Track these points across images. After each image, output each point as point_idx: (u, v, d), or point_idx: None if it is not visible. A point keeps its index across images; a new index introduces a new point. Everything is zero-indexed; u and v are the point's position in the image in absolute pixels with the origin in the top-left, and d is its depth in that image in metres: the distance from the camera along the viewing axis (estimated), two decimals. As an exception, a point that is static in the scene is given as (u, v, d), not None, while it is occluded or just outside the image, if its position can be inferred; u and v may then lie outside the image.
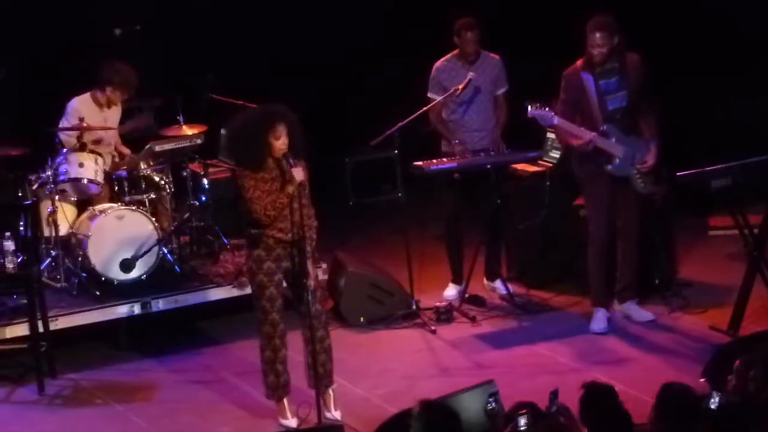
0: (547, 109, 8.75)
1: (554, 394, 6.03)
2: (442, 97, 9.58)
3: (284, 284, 7.81)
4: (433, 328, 9.31)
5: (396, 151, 9.59)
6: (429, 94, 9.70)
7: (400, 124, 9.40)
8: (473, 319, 9.46)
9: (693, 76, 11.11)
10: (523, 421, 5.72)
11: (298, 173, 7.48)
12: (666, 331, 9.01)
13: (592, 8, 8.91)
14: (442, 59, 9.70)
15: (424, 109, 9.61)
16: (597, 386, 5.86)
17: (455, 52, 9.68)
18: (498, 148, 9.66)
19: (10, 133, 9.74)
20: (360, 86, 12.34)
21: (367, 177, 10.87)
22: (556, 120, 8.79)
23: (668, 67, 10.48)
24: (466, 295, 9.74)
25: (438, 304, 9.60)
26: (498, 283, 9.93)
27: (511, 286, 9.79)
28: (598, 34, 8.71)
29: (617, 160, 8.89)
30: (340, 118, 12.05)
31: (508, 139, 9.78)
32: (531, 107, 8.73)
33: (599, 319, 9.11)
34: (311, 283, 7.62)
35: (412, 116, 9.49)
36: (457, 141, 9.60)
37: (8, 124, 10.11)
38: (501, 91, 9.76)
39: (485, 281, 10.05)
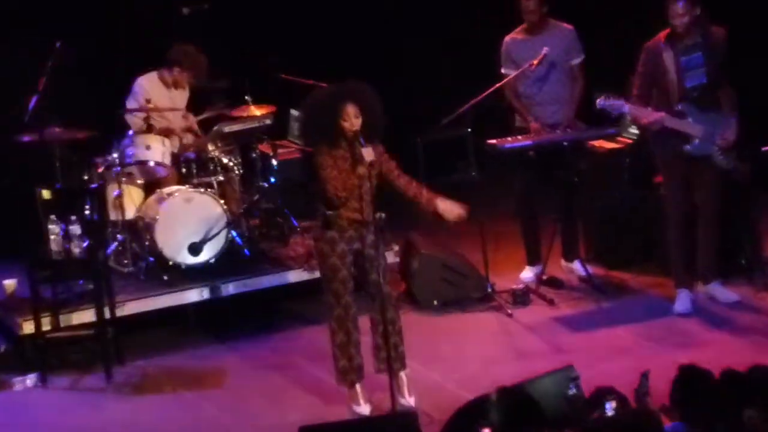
0: (614, 98, 8.58)
1: (645, 376, 5.88)
2: (516, 72, 9.44)
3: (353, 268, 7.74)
4: (509, 311, 9.20)
5: (469, 129, 9.48)
6: (502, 70, 9.58)
7: (473, 101, 9.27)
8: (551, 302, 9.33)
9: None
10: (610, 406, 5.60)
11: (368, 153, 7.39)
12: (752, 312, 8.84)
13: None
14: (512, 33, 9.58)
15: (498, 84, 9.47)
16: (695, 370, 5.66)
17: (524, 25, 9.56)
18: (572, 123, 9.49)
19: (76, 114, 9.60)
20: (432, 63, 12.25)
21: (439, 156, 10.77)
22: (626, 108, 8.64)
23: (752, 41, 10.31)
24: (544, 277, 9.63)
25: (514, 286, 9.49)
26: (576, 264, 9.77)
27: (590, 267, 9.66)
28: (679, 3, 8.53)
29: (696, 141, 8.69)
30: (411, 96, 11.95)
31: (586, 113, 9.58)
32: (600, 99, 8.59)
33: (682, 301, 8.93)
34: (383, 263, 7.55)
35: (486, 92, 9.35)
36: (533, 119, 9.47)
37: (74, 105, 9.92)
38: (576, 62, 9.57)
39: (563, 262, 9.91)
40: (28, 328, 8.64)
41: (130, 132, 9.61)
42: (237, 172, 9.84)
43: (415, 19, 12.23)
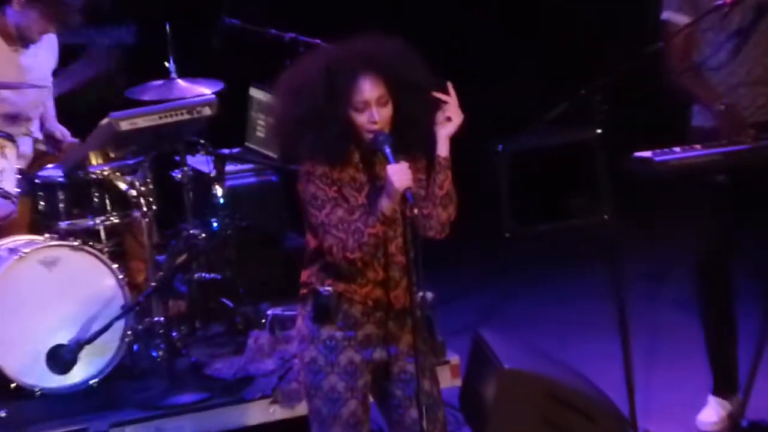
0: None
1: None
2: (693, 20, 9.21)
3: (370, 397, 7.55)
4: (676, 489, 8.79)
5: (598, 131, 9.02)
6: (664, 15, 9.42)
7: (601, 77, 8.94)
8: (758, 475, 8.95)
9: None
10: None
11: (401, 175, 7.04)
12: None
13: None
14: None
15: (656, 46, 9.25)
16: None
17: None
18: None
19: None
20: (515, 18, 13.16)
21: (539, 179, 10.52)
22: None
23: None
24: (744, 422, 9.29)
25: (687, 439, 8.99)
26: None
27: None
28: None
29: None
30: (482, 76, 12.33)
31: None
32: None
33: None
34: (430, 390, 7.40)
35: (628, 61, 9.09)
36: (722, 106, 9.15)
37: None
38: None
39: (781, 394, 9.60)
40: None
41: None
42: (147, 208, 9.75)
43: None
